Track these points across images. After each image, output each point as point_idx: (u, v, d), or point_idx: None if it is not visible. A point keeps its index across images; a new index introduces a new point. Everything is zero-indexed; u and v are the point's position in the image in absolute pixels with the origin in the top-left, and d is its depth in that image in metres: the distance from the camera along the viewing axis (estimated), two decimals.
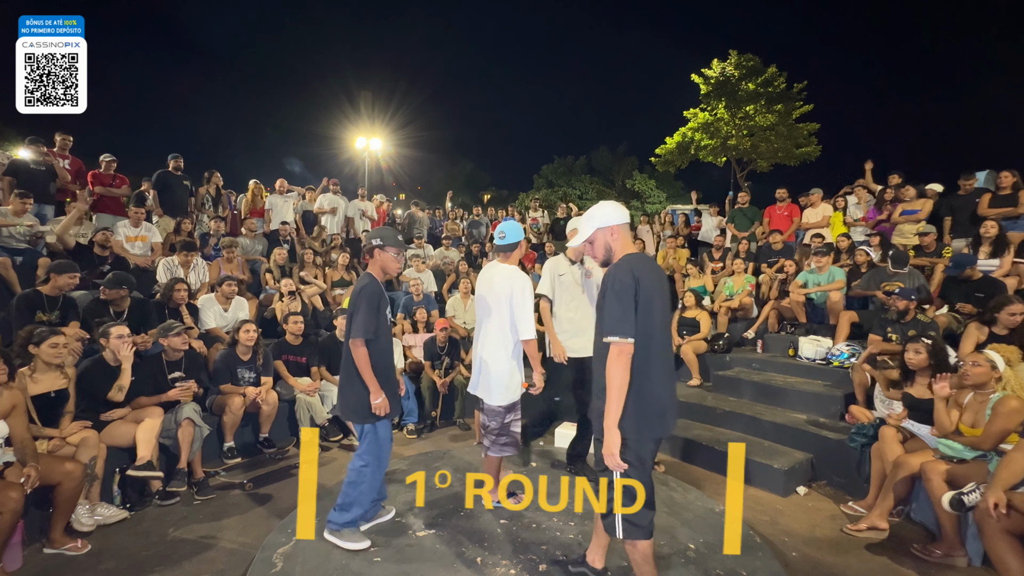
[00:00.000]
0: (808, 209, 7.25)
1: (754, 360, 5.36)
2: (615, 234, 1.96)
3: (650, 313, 1.80)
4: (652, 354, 1.82)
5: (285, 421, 4.54)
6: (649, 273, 1.85)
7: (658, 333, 1.83)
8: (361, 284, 2.53)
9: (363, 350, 2.44)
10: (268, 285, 6.13)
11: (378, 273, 2.60)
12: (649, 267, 1.89)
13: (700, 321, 5.70)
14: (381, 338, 2.52)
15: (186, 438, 3.51)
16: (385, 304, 2.56)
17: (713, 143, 20.52)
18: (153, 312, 4.49)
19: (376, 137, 22.22)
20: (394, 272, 2.63)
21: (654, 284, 1.84)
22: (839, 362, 4.69)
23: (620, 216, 1.98)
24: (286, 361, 4.68)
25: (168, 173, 6.74)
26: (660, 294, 1.85)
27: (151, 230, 5.91)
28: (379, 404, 2.47)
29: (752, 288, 6.36)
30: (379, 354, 2.51)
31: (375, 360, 2.48)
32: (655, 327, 1.82)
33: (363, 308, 2.45)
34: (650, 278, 1.84)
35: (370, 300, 2.47)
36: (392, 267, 2.61)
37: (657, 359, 1.83)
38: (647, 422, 1.83)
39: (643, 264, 1.88)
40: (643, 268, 1.86)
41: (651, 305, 1.81)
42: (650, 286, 1.82)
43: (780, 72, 19.36)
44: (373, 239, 2.58)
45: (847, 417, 3.91)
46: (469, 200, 28.65)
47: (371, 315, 2.44)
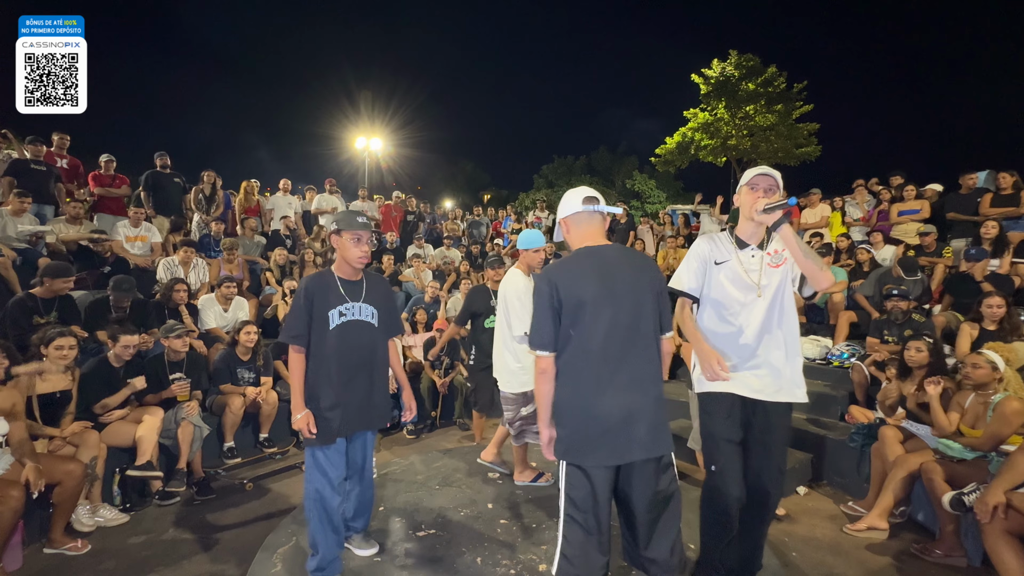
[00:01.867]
0: (807, 209, 7.26)
1: None
2: (566, 227, 1.75)
3: (579, 321, 1.58)
4: (589, 366, 1.58)
5: (285, 421, 4.53)
6: (579, 276, 1.61)
7: (600, 342, 1.58)
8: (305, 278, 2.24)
9: (293, 356, 2.14)
10: (268, 285, 6.12)
11: (341, 266, 2.24)
12: (582, 268, 1.63)
13: None
14: (327, 344, 2.15)
15: (186, 438, 3.51)
16: (331, 300, 2.18)
17: (713, 143, 20.55)
18: (153, 312, 4.49)
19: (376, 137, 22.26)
20: (355, 261, 2.20)
21: (587, 288, 1.59)
22: (839, 362, 4.69)
23: (567, 206, 1.73)
24: (285, 361, 4.67)
25: (157, 173, 6.64)
26: (602, 298, 1.59)
27: (151, 230, 5.90)
28: (297, 422, 2.09)
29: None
30: (320, 362, 2.15)
31: (313, 370, 2.15)
32: (592, 335, 1.58)
33: (290, 309, 2.19)
34: (580, 282, 1.60)
35: (296, 299, 2.18)
36: (352, 254, 2.18)
37: (599, 371, 1.57)
38: (589, 446, 1.58)
39: (573, 265, 1.65)
40: (569, 271, 1.64)
41: (580, 312, 1.58)
42: (577, 291, 1.59)
43: (780, 72, 19.39)
44: (330, 225, 2.23)
45: (847, 417, 3.91)
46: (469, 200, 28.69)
47: (298, 317, 2.13)
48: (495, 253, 5.91)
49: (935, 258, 5.49)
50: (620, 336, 1.60)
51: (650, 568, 1.64)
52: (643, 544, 1.63)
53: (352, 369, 2.20)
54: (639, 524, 1.63)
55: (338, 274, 2.24)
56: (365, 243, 2.21)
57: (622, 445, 1.57)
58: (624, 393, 1.58)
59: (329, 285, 2.20)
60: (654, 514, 1.63)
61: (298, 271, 6.44)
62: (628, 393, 1.59)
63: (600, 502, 1.59)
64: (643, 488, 1.61)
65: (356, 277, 2.27)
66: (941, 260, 5.41)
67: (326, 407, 2.14)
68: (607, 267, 1.65)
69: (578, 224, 1.72)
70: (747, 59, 19.73)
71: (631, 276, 1.66)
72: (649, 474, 1.61)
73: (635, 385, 1.60)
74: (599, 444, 1.57)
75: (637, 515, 1.63)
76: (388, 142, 25.67)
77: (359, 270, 2.27)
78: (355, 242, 2.18)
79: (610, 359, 1.59)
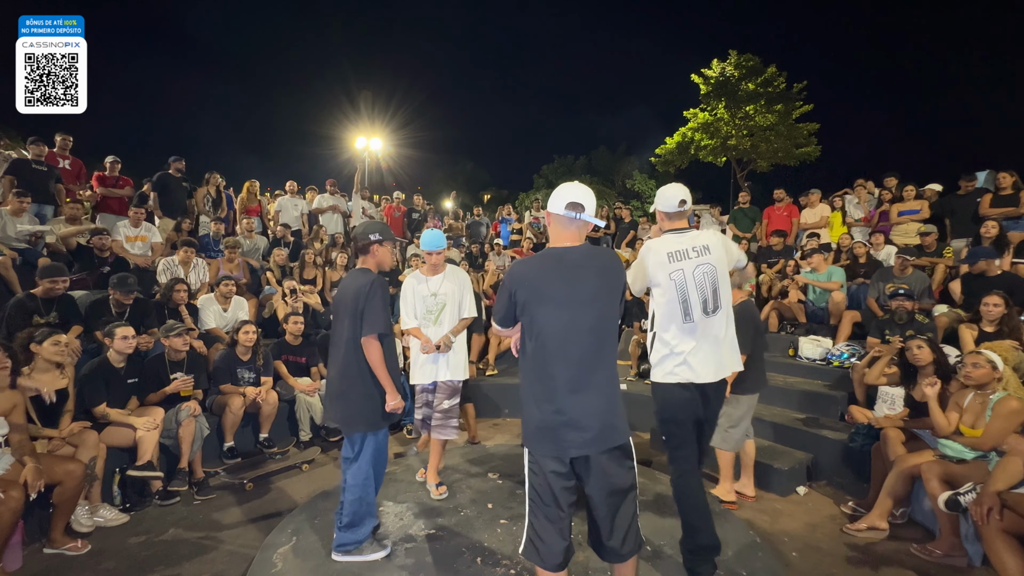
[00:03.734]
0: (806, 209, 7.26)
1: None
2: (548, 220, 1.81)
3: (536, 320, 1.68)
4: (546, 365, 1.66)
5: (285, 421, 4.54)
6: (539, 278, 1.70)
7: (557, 343, 1.66)
8: (368, 279, 2.38)
9: (378, 346, 2.33)
10: (268, 285, 6.12)
11: (372, 267, 2.51)
12: (544, 269, 1.71)
13: None
14: (389, 335, 2.44)
15: (186, 438, 3.51)
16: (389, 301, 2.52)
17: (713, 143, 20.54)
18: (153, 312, 4.49)
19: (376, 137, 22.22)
20: (389, 267, 2.58)
21: (545, 289, 1.68)
22: (839, 362, 4.70)
23: (552, 203, 1.76)
24: (286, 361, 4.68)
25: (168, 175, 6.73)
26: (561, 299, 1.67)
27: (151, 230, 5.91)
28: (397, 404, 2.37)
29: (752, 289, 6.35)
30: (389, 352, 2.42)
31: (389, 356, 2.41)
32: (550, 336, 1.66)
33: (378, 302, 2.35)
34: (538, 284, 1.69)
35: (384, 294, 2.40)
36: (389, 262, 2.55)
37: (555, 370, 1.65)
38: (540, 434, 1.68)
39: (536, 266, 1.74)
40: (530, 271, 1.73)
41: (536, 311, 1.67)
42: (534, 292, 1.68)
43: (780, 72, 19.37)
44: (371, 234, 2.47)
45: (847, 417, 3.91)
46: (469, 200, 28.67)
47: (386, 310, 2.37)
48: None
49: (935, 258, 5.49)
50: (578, 338, 1.66)
51: (605, 553, 1.77)
52: (604, 535, 1.74)
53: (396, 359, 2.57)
54: (598, 514, 1.74)
55: None
56: (397, 251, 2.58)
57: (572, 440, 1.64)
58: (576, 392, 1.65)
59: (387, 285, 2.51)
60: (612, 504, 1.72)
61: (298, 271, 6.44)
62: (583, 393, 1.65)
63: (556, 490, 1.68)
64: (598, 479, 1.69)
65: None
66: (941, 260, 5.41)
67: (400, 387, 2.48)
68: (570, 269, 1.70)
69: (558, 223, 1.76)
70: (747, 59, 19.73)
71: (594, 278, 1.70)
72: (603, 466, 1.68)
73: (590, 385, 1.67)
74: (552, 438, 1.66)
75: (595, 505, 1.73)
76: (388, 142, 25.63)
77: None
78: (394, 251, 2.61)
79: (567, 359, 1.66)
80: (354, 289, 2.39)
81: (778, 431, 4.16)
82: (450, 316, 3.29)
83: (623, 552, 1.74)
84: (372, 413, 2.38)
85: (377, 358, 2.34)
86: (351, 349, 2.35)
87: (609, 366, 1.73)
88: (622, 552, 1.74)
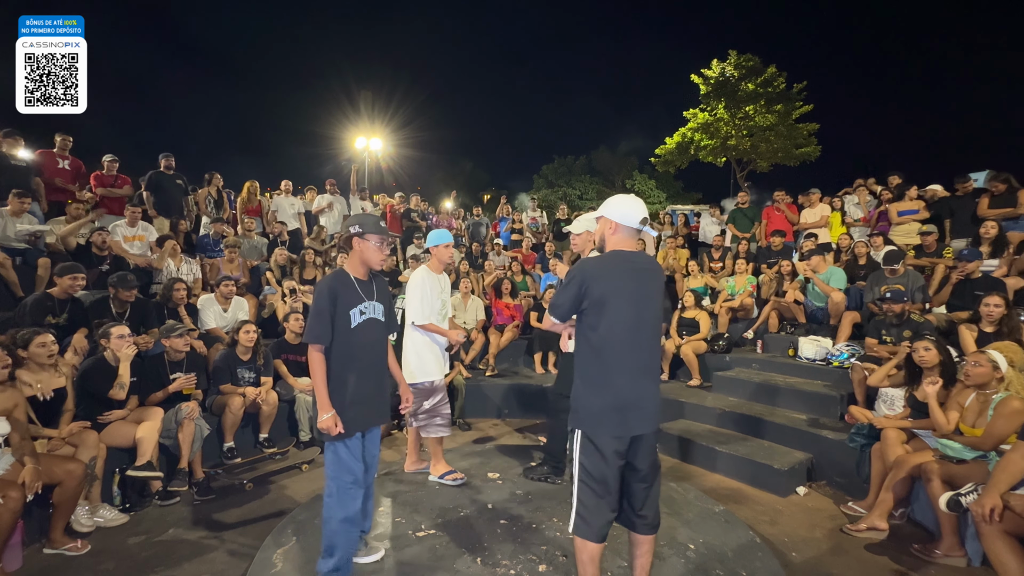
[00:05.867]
0: (806, 209, 7.26)
1: (754, 360, 5.37)
2: (612, 228, 2.01)
3: (605, 312, 1.87)
4: (613, 353, 1.87)
5: (285, 421, 4.54)
6: (611, 275, 1.91)
7: (624, 332, 1.88)
8: (317, 282, 2.30)
9: (315, 355, 2.19)
10: (268, 285, 6.13)
11: (356, 267, 2.32)
12: (617, 268, 1.92)
13: (700, 321, 5.70)
14: (349, 342, 2.22)
15: (186, 438, 3.51)
16: (351, 300, 2.25)
17: (713, 143, 20.57)
18: (153, 312, 4.49)
19: (376, 137, 22.22)
20: (377, 264, 2.32)
21: (617, 285, 1.89)
22: (839, 362, 4.70)
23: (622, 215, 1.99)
24: (286, 360, 4.68)
25: (160, 173, 6.63)
26: (629, 295, 1.89)
27: (148, 229, 5.88)
28: (325, 422, 2.14)
29: (753, 289, 6.37)
30: (343, 361, 2.22)
31: (336, 368, 2.21)
32: (617, 326, 1.87)
33: (312, 310, 2.22)
34: (611, 280, 1.90)
35: (319, 300, 2.20)
36: (375, 258, 2.29)
37: (622, 357, 1.88)
38: (605, 417, 1.87)
39: (609, 265, 1.93)
40: (604, 269, 1.92)
41: (606, 305, 1.87)
42: (606, 287, 1.89)
43: (780, 72, 19.41)
44: (351, 226, 2.28)
45: (847, 417, 3.91)
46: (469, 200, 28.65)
47: (321, 317, 2.17)
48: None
49: (935, 259, 5.49)
50: (640, 329, 1.90)
51: (638, 524, 1.98)
52: (638, 505, 1.97)
53: (368, 365, 2.31)
54: (638, 487, 1.96)
55: (353, 274, 2.31)
56: (387, 248, 2.36)
57: (634, 420, 1.87)
58: (640, 377, 1.90)
59: (348, 284, 2.28)
60: (652, 477, 1.97)
61: (298, 271, 6.45)
62: (643, 377, 1.91)
63: (612, 468, 1.87)
64: (645, 456, 1.94)
65: (367, 277, 2.36)
66: (942, 260, 5.41)
67: (349, 402, 2.22)
68: (636, 271, 1.95)
69: (624, 232, 1.99)
70: (747, 59, 19.76)
71: (654, 280, 1.99)
72: (651, 445, 1.96)
73: (648, 371, 1.94)
74: (619, 419, 1.86)
75: (640, 479, 1.95)
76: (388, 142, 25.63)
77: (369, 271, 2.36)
78: (379, 246, 2.30)
79: (631, 348, 1.89)
80: None
81: (778, 431, 4.17)
82: (450, 312, 3.43)
83: (655, 522, 1.98)
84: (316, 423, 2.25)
85: (314, 369, 2.18)
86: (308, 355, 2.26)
87: (659, 355, 2.06)
88: (654, 522, 1.98)
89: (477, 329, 6.13)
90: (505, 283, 6.65)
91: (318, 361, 2.19)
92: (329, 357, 2.21)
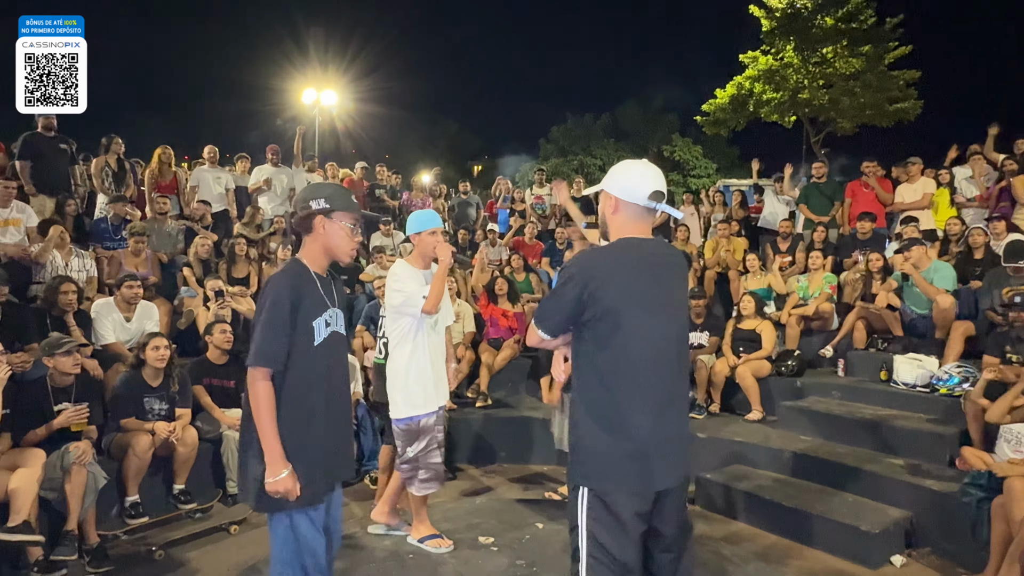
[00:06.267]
0: (903, 185, 7.28)
1: (834, 386, 5.37)
2: (614, 206, 1.91)
3: (618, 327, 1.79)
4: (628, 380, 1.80)
5: (208, 468, 4.53)
6: (620, 274, 1.82)
7: (642, 353, 1.80)
8: (270, 276, 2.13)
9: (262, 386, 1.98)
10: (186, 286, 6.13)
11: (316, 258, 2.19)
12: (625, 264, 1.85)
13: (762, 334, 5.70)
14: (312, 365, 2.11)
15: (75, 490, 3.49)
16: (316, 307, 2.13)
17: (779, 97, 20.61)
18: (32, 322, 4.48)
19: (330, 89, 22.28)
20: (347, 255, 2.22)
21: (628, 288, 1.81)
22: (947, 389, 4.70)
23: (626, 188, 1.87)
24: (209, 386, 4.68)
25: (38, 136, 6.55)
26: (647, 301, 1.82)
27: (25, 211, 5.85)
28: (280, 482, 1.94)
29: (833, 291, 6.37)
30: (303, 391, 2.08)
31: (293, 403, 2.05)
32: (633, 345, 1.79)
33: (265, 317, 2.02)
34: (620, 282, 1.81)
35: (276, 305, 2.03)
36: (344, 247, 2.18)
37: (639, 386, 1.80)
38: (620, 468, 1.78)
39: (614, 260, 1.86)
40: (608, 266, 1.84)
41: (617, 316, 1.78)
42: (616, 291, 1.79)
43: (867, 3, 19.45)
44: (312, 199, 2.12)
45: (958, 463, 3.91)
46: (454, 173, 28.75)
47: (278, 330, 2.02)
48: None
49: None
50: (668, 348, 1.85)
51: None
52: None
53: (336, 396, 2.24)
54: (662, 559, 1.89)
55: (313, 269, 2.20)
56: (359, 232, 2.23)
57: (659, 470, 1.80)
58: (665, 412, 1.83)
59: (310, 283, 2.14)
60: (683, 543, 1.91)
61: (226, 267, 6.44)
62: (669, 412, 1.84)
63: (631, 535, 1.78)
64: (672, 516, 1.86)
65: (326, 273, 2.26)
66: None
67: (314, 453, 2.07)
68: (652, 266, 1.87)
69: (631, 212, 1.89)
70: None
71: (674, 279, 1.92)
72: (680, 501, 1.90)
73: (674, 403, 1.87)
74: (640, 470, 1.78)
75: (663, 548, 1.88)
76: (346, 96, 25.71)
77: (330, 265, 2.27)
78: (352, 230, 2.18)
79: (659, 375, 1.83)
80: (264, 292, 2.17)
81: (867, 481, 4.16)
82: (443, 321, 3.38)
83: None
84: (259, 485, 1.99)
85: (261, 404, 1.98)
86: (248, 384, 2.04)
87: (686, 382, 2.00)
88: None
89: (465, 345, 6.14)
90: (501, 283, 6.65)
91: (266, 394, 1.99)
92: (282, 387, 2.05)
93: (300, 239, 2.25)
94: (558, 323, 1.89)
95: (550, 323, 1.90)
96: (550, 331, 1.91)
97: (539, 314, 1.95)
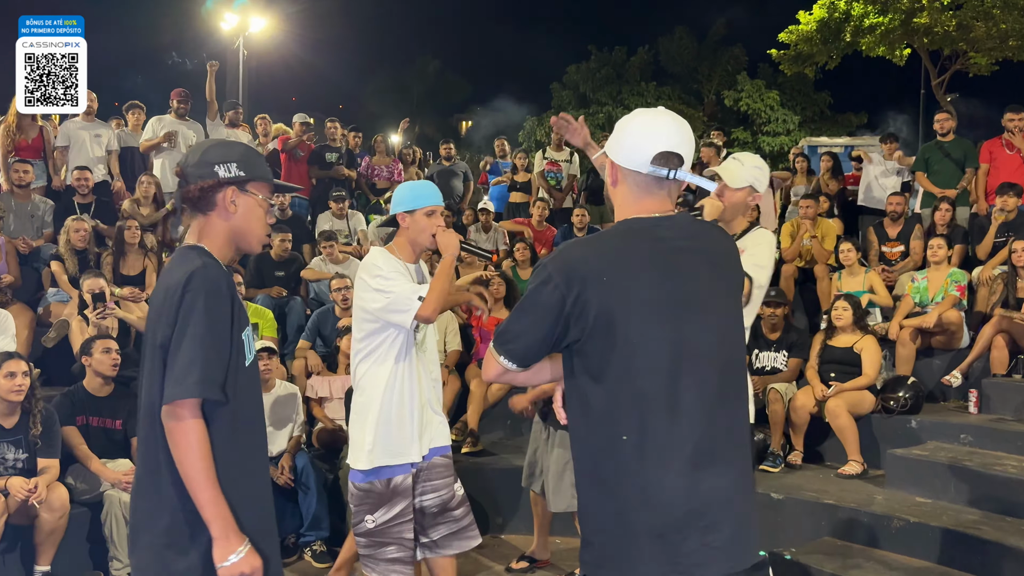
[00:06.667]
0: None
1: (965, 428, 5.36)
2: (614, 176, 1.87)
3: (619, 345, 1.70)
4: (638, 421, 1.70)
5: (84, 541, 4.54)
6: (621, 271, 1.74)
7: (656, 381, 1.71)
8: (186, 269, 1.98)
9: (192, 426, 1.90)
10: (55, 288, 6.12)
11: (220, 245, 2.16)
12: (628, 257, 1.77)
13: (863, 355, 5.68)
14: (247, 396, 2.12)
15: None
16: (242, 315, 2.14)
17: (886, 22, 20.60)
18: None
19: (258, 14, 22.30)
20: (259, 243, 2.29)
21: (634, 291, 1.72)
22: None
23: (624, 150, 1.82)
24: (86, 427, 4.68)
25: None
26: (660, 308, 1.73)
27: None
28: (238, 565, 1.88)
29: (962, 293, 6.34)
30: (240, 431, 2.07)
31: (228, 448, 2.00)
32: (641, 370, 1.71)
33: (200, 331, 1.94)
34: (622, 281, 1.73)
35: (215, 310, 1.99)
36: (259, 231, 2.23)
37: (654, 430, 1.70)
38: (638, 549, 1.70)
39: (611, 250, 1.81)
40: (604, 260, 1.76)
41: (618, 330, 1.70)
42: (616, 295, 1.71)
43: None
44: (217, 164, 2.09)
45: None
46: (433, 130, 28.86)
47: (221, 347, 1.99)
48: None
49: None
50: (694, 371, 1.72)
51: None
52: None
53: (264, 436, 2.30)
54: None
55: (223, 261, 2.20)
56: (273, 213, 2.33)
57: (698, 549, 1.67)
58: (705, 465, 1.71)
59: (232, 285, 2.15)
60: None
61: (111, 259, 6.43)
62: (713, 465, 1.72)
63: None
64: None
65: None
66: None
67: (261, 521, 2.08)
68: (671, 254, 1.77)
69: (634, 182, 1.82)
70: None
71: (707, 269, 1.81)
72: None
73: (721, 452, 1.74)
74: (661, 551, 1.68)
75: None
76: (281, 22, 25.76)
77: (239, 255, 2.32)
78: (269, 206, 2.23)
79: (677, 410, 1.69)
80: (162, 292, 2.08)
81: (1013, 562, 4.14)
82: (432, 336, 3.44)
83: None
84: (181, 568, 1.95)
85: (195, 451, 1.90)
86: (148, 424, 2.01)
87: (740, 420, 1.85)
88: None
89: (448, 368, 6.14)
90: (497, 283, 6.63)
91: (200, 436, 1.93)
92: (214, 426, 1.99)
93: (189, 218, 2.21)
94: (529, 346, 1.79)
95: (517, 346, 1.80)
96: (518, 357, 1.81)
97: (501, 332, 1.83)
